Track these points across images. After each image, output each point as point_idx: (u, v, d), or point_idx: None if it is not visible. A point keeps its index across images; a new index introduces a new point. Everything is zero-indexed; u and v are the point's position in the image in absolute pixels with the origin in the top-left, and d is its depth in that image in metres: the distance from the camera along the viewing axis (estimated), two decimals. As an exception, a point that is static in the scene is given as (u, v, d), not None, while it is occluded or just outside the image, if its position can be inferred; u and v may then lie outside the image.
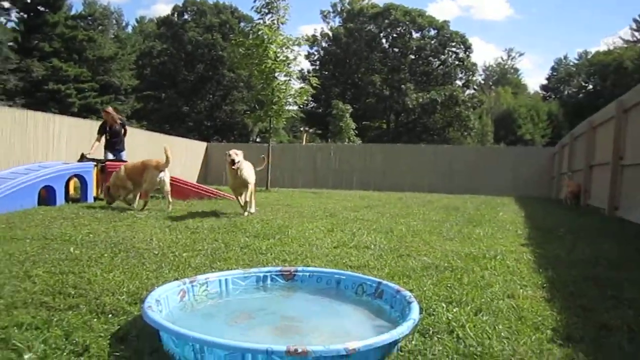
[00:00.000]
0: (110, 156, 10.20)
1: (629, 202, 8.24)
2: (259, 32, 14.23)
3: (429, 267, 4.32)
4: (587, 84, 60.79)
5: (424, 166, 21.34)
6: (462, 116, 42.48)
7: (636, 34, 57.34)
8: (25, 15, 37.48)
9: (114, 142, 10.25)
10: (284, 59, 14.50)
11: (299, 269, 3.60)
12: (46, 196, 8.33)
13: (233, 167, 7.32)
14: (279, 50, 14.33)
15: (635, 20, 58.31)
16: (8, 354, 2.39)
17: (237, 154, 7.47)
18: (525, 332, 2.89)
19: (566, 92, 63.39)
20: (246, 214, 7.65)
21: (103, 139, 10.29)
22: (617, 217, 8.54)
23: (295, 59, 14.97)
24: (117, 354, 2.41)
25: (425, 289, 3.65)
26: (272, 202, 10.50)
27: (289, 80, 14.94)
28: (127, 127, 10.64)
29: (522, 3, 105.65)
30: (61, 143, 15.78)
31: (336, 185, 21.29)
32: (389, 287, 3.16)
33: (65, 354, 2.42)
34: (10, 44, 36.50)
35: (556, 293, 3.69)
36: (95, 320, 2.85)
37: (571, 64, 66.35)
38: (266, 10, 14.83)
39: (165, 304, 2.90)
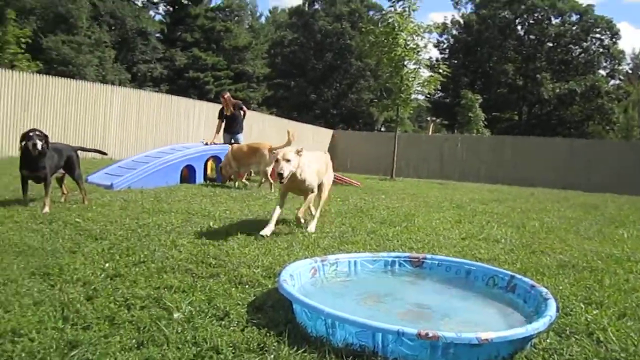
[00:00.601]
0: (226, 138, 10.76)
1: None
2: (390, 20, 14.15)
3: (565, 265, 4.09)
4: None
5: (558, 161, 19.98)
6: (605, 109, 39.07)
7: None
8: (171, 9, 40.66)
9: (230, 124, 10.81)
10: (414, 46, 14.29)
11: (428, 256, 3.58)
12: (187, 175, 8.99)
13: (281, 181, 4.46)
14: (409, 37, 14.15)
15: None
16: (160, 312, 2.65)
17: (288, 159, 4.50)
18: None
19: None
20: (305, 228, 4.98)
21: (223, 123, 10.90)
22: None
23: (425, 46, 14.73)
24: (255, 321, 2.58)
25: (561, 287, 3.47)
26: (397, 190, 10.48)
27: (419, 68, 14.73)
28: (247, 110, 11.11)
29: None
30: (200, 126, 16.96)
31: (462, 177, 20.66)
32: (522, 281, 3.05)
33: (208, 317, 2.63)
34: (158, 35, 39.74)
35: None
36: (233, 289, 3.07)
37: None
38: (398, -3, 14.71)
39: (298, 279, 3.03)
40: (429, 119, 45.16)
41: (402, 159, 20.70)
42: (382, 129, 45.72)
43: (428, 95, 22.28)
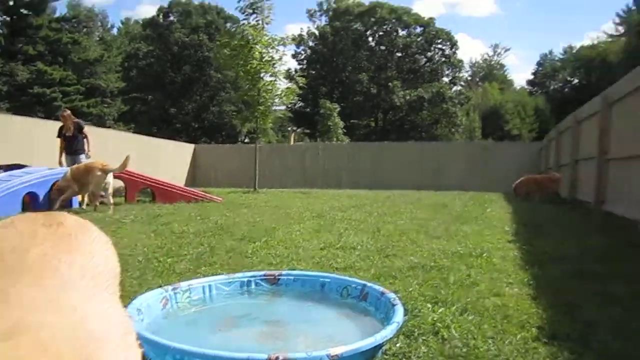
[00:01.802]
0: (68, 159, 10.12)
1: (614, 195, 8.27)
2: (244, 33, 14.17)
3: (415, 266, 4.31)
4: (572, 79, 61.20)
5: (412, 163, 21.35)
6: (450, 113, 42.61)
7: (620, 27, 57.74)
8: (9, 19, 37.08)
9: (70, 145, 10.17)
10: (270, 59, 14.43)
11: (283, 272, 3.56)
12: (30, 202, 8.23)
13: None
14: (264, 50, 14.26)
15: (618, 15, 58.72)
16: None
17: None
18: (511, 331, 2.88)
19: (552, 87, 63.77)
20: None
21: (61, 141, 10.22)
22: (603, 211, 8.56)
23: (280, 58, 14.91)
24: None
25: (411, 289, 3.64)
26: (259, 203, 10.46)
27: (275, 80, 14.88)
28: (86, 130, 10.44)
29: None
30: (42, 148, 15.60)
31: (325, 185, 21.25)
32: (373, 289, 3.14)
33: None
34: (-6, 48, 36.08)
35: (542, 290, 3.69)
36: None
37: (556, 58, 66.74)
38: (250, 11, 14.74)
39: (147, 313, 2.85)
40: (290, 128, 45.88)
41: (265, 170, 20.77)
42: (246, 141, 45.64)
43: (288, 106, 22.67)
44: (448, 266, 4.32)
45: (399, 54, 45.54)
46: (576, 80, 59.80)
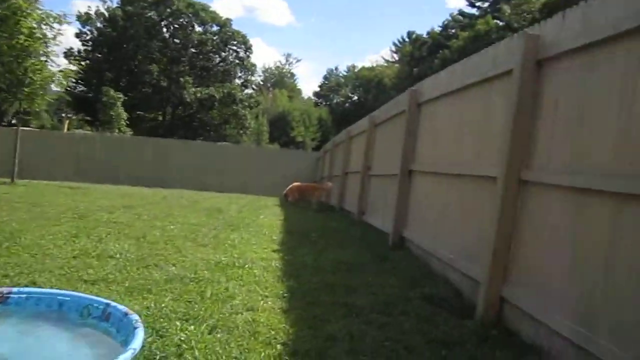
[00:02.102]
0: None
1: (372, 208, 9.15)
2: (11, 2, 12.38)
3: (173, 278, 4.16)
4: (353, 95, 66.93)
5: (196, 162, 21.03)
6: (240, 115, 43.11)
7: (395, 55, 64.86)
8: None
9: None
10: (41, 36, 12.85)
11: (14, 290, 3.11)
12: None
13: None
14: (35, 26, 12.65)
15: (394, 44, 65.92)
16: None
17: None
18: (257, 349, 2.92)
19: (335, 101, 68.90)
20: None
21: None
22: (363, 221, 9.41)
23: (55, 37, 13.38)
24: None
25: (163, 305, 3.48)
26: (13, 198, 9.22)
27: (47, 61, 13.31)
28: None
29: (303, 12, 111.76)
30: None
31: (101, 180, 19.66)
32: (117, 309, 2.90)
33: None
34: None
35: (294, 303, 3.84)
36: None
37: (341, 75, 72.38)
38: (23, -23, 13.01)
39: None
40: (64, 115, 41.77)
41: (30, 160, 18.52)
42: (14, 122, 40.28)
43: (67, 89, 20.59)
44: (208, 278, 4.26)
45: (193, 50, 44.67)
46: (356, 97, 65.47)
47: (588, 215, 3.04)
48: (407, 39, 62.23)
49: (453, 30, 49.89)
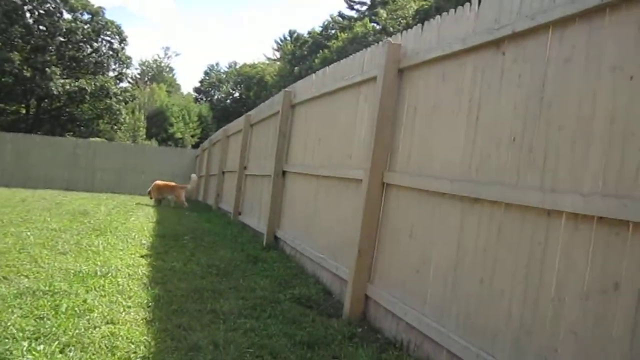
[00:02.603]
0: None
1: (248, 208, 9.10)
2: None
3: (25, 292, 3.82)
4: (234, 91, 66.32)
5: (63, 160, 19.52)
6: (113, 109, 40.76)
7: (277, 53, 65.16)
8: None
9: None
10: None
11: None
12: None
13: None
14: None
15: (276, 42, 66.24)
16: None
17: None
18: (113, 366, 2.76)
19: (216, 97, 67.86)
20: None
21: None
22: (240, 222, 9.33)
23: None
24: None
25: (10, 323, 3.18)
26: None
27: None
28: None
29: (183, 3, 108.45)
30: None
31: (-51, 178, 17.73)
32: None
33: None
34: None
35: (159, 313, 3.69)
36: None
37: (222, 71, 71.38)
38: None
39: None
40: None
41: None
42: None
43: None
44: (65, 290, 3.96)
45: (61, 38, 41.47)
46: (237, 94, 64.95)
47: (439, 217, 3.24)
48: (288, 38, 62.83)
49: (333, 31, 51.17)
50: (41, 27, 41.26)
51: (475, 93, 3.05)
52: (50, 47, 40.81)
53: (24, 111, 41.77)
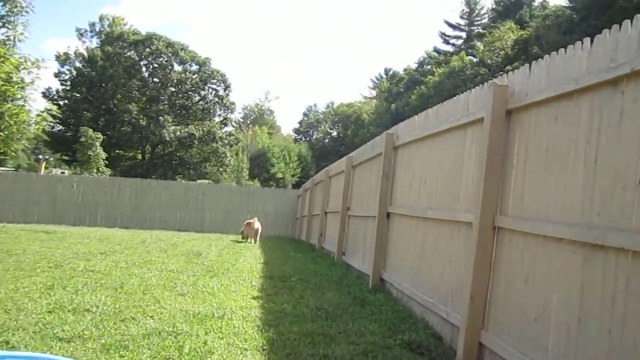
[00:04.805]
0: None
1: (352, 248, 9.16)
2: (-11, 47, 12.44)
3: (151, 333, 4.09)
4: (332, 131, 67.69)
5: (175, 202, 20.85)
6: (219, 152, 43.07)
7: (372, 91, 65.99)
8: None
9: None
10: (19, 81, 12.84)
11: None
12: None
13: None
14: (13, 70, 12.64)
15: (372, 80, 67.14)
16: None
17: None
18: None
19: (314, 137, 69.58)
20: None
21: None
22: (343, 262, 9.40)
23: (33, 82, 13.39)
24: None
25: (141, 363, 3.42)
26: (-13, 247, 9.04)
27: (24, 105, 13.27)
28: None
29: (281, 50, 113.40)
30: None
31: (79, 221, 19.43)
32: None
33: None
34: None
35: (274, 356, 3.80)
36: None
37: (320, 111, 73.29)
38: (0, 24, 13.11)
39: None
40: (40, 156, 41.34)
41: (5, 202, 18.32)
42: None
43: (44, 130, 20.43)
44: (186, 331, 4.20)
45: (172, 89, 44.79)
46: (335, 133, 66.17)
47: (557, 263, 3.11)
48: (384, 76, 63.44)
49: (429, 67, 51.01)
50: (155, 79, 44.80)
51: (593, 134, 2.94)
52: (163, 97, 44.10)
53: (140, 157, 45.13)
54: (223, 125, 47.19)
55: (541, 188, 3.40)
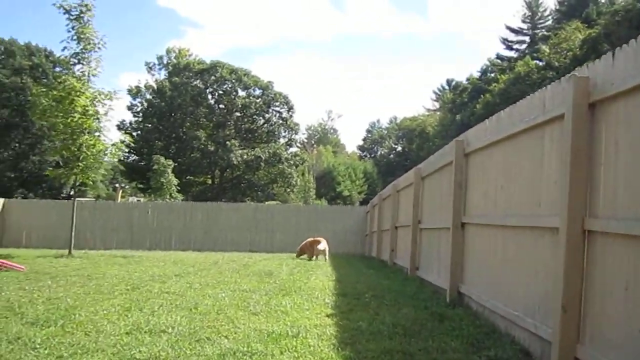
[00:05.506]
0: None
1: (425, 262, 8.86)
2: (66, 84, 13.11)
3: (226, 353, 4.03)
4: (396, 145, 67.12)
5: (245, 224, 21.16)
6: (286, 173, 43.66)
7: (435, 103, 65.05)
8: None
9: None
10: (94, 113, 13.46)
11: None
12: None
13: None
14: (88, 103, 13.28)
15: (434, 92, 66.25)
16: None
17: None
18: None
19: (379, 152, 69.23)
20: None
21: None
22: (417, 277, 9.11)
23: (106, 113, 13.99)
24: None
25: (217, 384, 3.35)
26: (70, 272, 9.39)
27: (100, 136, 13.88)
28: None
29: (342, 67, 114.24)
30: None
31: (154, 246, 20.09)
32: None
33: None
34: None
35: (352, 376, 3.63)
36: None
37: (383, 127, 72.98)
38: (75, 61, 13.81)
39: None
40: (117, 185, 43.35)
41: (86, 230, 19.18)
42: (72, 193, 42.03)
43: (120, 159, 21.37)
44: (261, 351, 4.10)
45: (237, 114, 46.03)
46: (399, 148, 65.56)
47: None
48: (447, 87, 62.44)
49: (492, 74, 49.72)
50: (221, 105, 46.18)
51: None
52: (229, 122, 45.34)
53: (209, 181, 46.45)
54: (288, 147, 47.87)
55: (638, 184, 3.08)
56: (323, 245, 14.02)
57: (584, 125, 3.61)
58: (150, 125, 44.49)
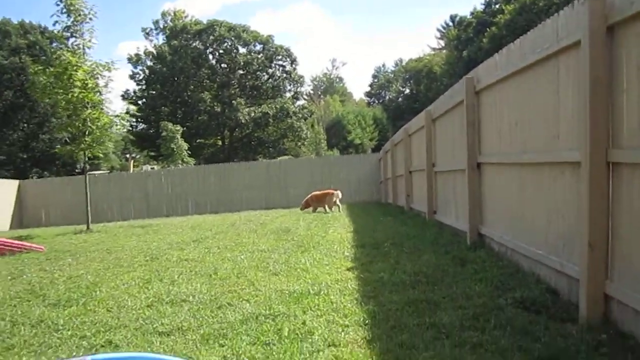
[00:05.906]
0: None
1: (443, 206, 8.74)
2: (62, 59, 12.84)
3: (249, 318, 3.99)
4: (404, 89, 66.06)
5: (259, 182, 21.13)
6: (295, 127, 43.32)
7: (440, 42, 63.48)
8: None
9: None
10: (94, 86, 13.23)
11: (88, 358, 3.02)
12: None
13: None
14: (87, 77, 13.03)
15: (439, 30, 64.58)
16: None
17: None
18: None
19: (387, 97, 68.26)
20: None
21: None
22: (435, 221, 9.01)
23: (106, 85, 13.76)
24: None
25: (241, 351, 3.30)
26: (89, 248, 9.43)
27: (102, 108, 13.68)
28: None
29: (338, 14, 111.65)
30: None
31: (171, 212, 20.22)
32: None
33: None
34: None
35: (377, 330, 3.57)
36: None
37: (389, 71, 71.68)
38: (68, 34, 13.49)
39: None
40: (128, 155, 43.40)
41: (103, 203, 19.33)
42: (88, 167, 42.25)
43: (129, 129, 21.24)
44: (284, 312, 4.06)
45: (240, 71, 45.37)
46: (407, 90, 64.56)
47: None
48: (451, 23, 60.80)
49: (497, 5, 48.13)
50: (223, 65, 45.49)
51: None
52: (233, 81, 44.76)
53: (220, 143, 46.30)
54: (295, 100, 47.34)
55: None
56: (334, 197, 13.97)
57: (602, 51, 3.38)
58: (154, 92, 44.09)
